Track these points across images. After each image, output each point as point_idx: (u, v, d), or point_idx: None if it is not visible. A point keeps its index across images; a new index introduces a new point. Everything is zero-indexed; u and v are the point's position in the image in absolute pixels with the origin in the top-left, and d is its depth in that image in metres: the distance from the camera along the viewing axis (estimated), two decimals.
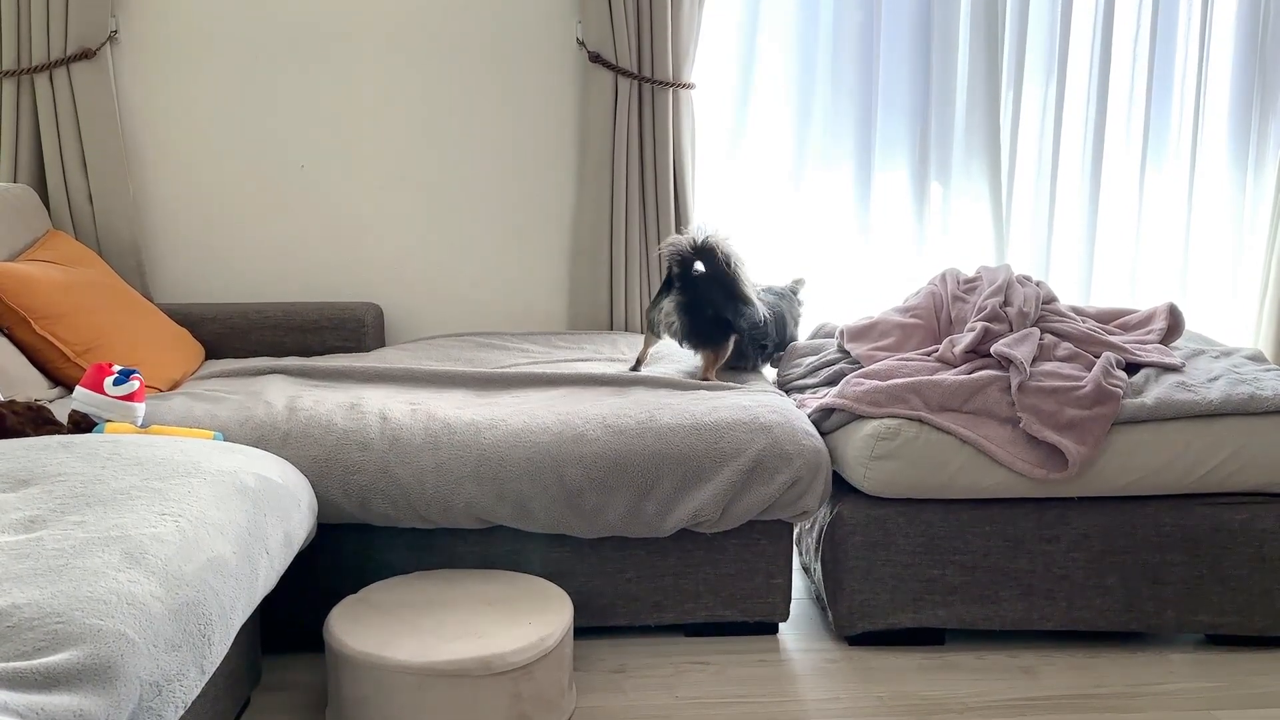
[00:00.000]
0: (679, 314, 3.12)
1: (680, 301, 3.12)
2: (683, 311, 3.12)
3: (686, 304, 3.12)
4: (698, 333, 3.15)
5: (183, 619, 1.72)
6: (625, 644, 2.90)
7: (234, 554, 1.96)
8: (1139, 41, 4.08)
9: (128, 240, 3.63)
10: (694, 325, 3.13)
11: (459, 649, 2.31)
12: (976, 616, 2.86)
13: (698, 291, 3.12)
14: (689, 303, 3.12)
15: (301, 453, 2.65)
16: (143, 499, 1.97)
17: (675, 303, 3.13)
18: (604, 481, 2.68)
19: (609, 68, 3.68)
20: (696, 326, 3.14)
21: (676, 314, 3.13)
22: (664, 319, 3.16)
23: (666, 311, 3.15)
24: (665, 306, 3.15)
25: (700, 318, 3.13)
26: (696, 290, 3.12)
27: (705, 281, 3.12)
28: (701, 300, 3.12)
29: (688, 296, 3.12)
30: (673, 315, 3.13)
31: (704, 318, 3.13)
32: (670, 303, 3.14)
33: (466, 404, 2.91)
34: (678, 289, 3.14)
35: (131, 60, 3.66)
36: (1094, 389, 2.79)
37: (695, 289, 3.12)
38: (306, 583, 2.75)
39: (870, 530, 2.82)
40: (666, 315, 3.15)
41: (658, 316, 3.19)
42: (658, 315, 3.19)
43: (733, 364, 3.28)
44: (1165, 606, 2.86)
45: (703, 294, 3.12)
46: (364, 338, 3.64)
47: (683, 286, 3.13)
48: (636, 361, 3.28)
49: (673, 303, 3.13)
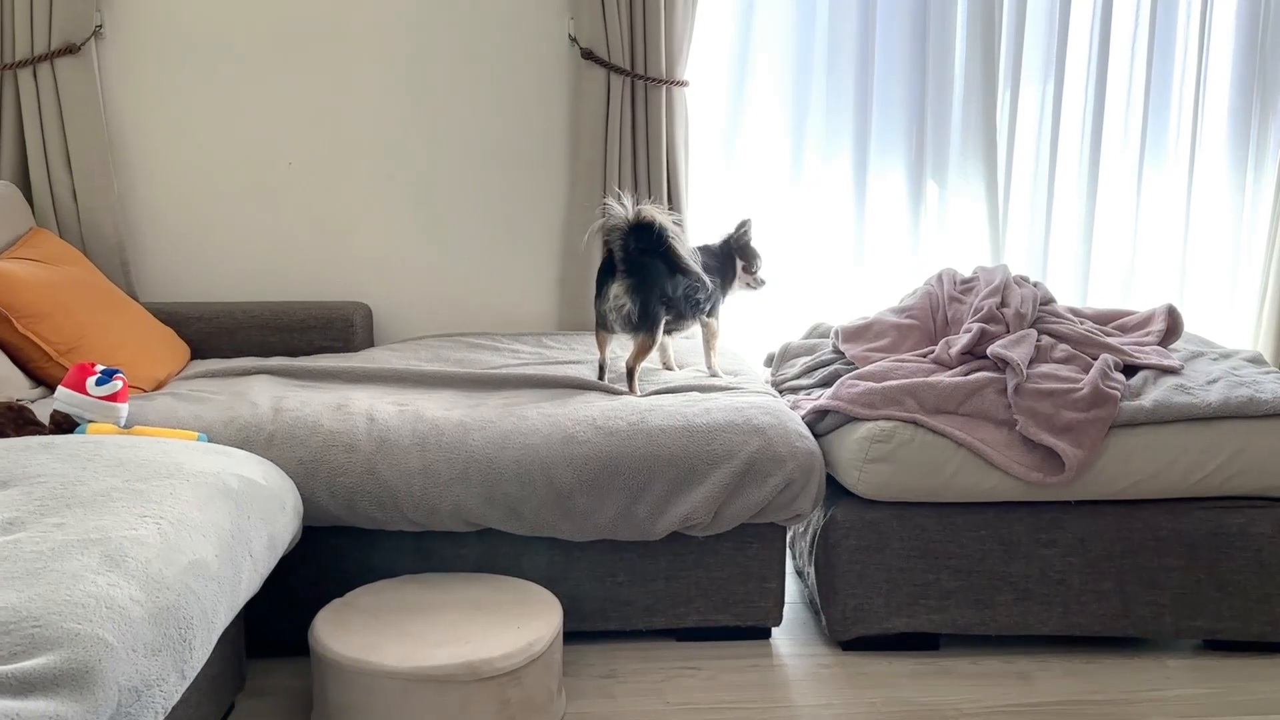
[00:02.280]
0: (630, 296, 2.96)
1: (630, 283, 2.97)
2: (634, 293, 2.97)
3: (636, 284, 2.97)
4: (648, 315, 2.99)
5: (163, 623, 1.71)
6: (616, 649, 2.89)
7: (216, 557, 1.95)
8: (1138, 39, 4.09)
9: (112, 238, 3.61)
10: (646, 307, 2.98)
11: (446, 654, 2.30)
12: (972, 621, 2.86)
13: (645, 270, 2.97)
14: (638, 283, 2.97)
15: (287, 454, 2.64)
16: (124, 501, 1.96)
17: (624, 285, 2.97)
18: (594, 484, 2.67)
19: (601, 65, 3.67)
20: (649, 309, 2.99)
21: (627, 296, 2.96)
22: (613, 304, 2.99)
23: (615, 295, 2.98)
24: (613, 290, 2.98)
25: (651, 298, 2.98)
26: (643, 269, 2.97)
27: (648, 258, 2.98)
28: (650, 279, 2.98)
29: (636, 277, 2.97)
30: (623, 298, 2.96)
31: (653, 298, 2.99)
32: (618, 286, 2.98)
33: (455, 405, 2.90)
34: (622, 271, 2.98)
35: (117, 55, 3.65)
36: (1091, 391, 2.78)
37: (642, 268, 2.97)
38: (291, 586, 2.74)
39: (864, 534, 2.82)
40: (616, 299, 2.98)
41: (606, 306, 3.02)
42: (606, 305, 3.02)
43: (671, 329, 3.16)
44: (1163, 611, 2.86)
45: (649, 272, 2.98)
46: (352, 338, 3.63)
47: (628, 268, 2.97)
48: (600, 369, 3.19)
49: (621, 285, 2.97)
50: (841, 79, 3.97)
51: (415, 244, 3.86)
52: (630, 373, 3.06)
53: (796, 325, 3.78)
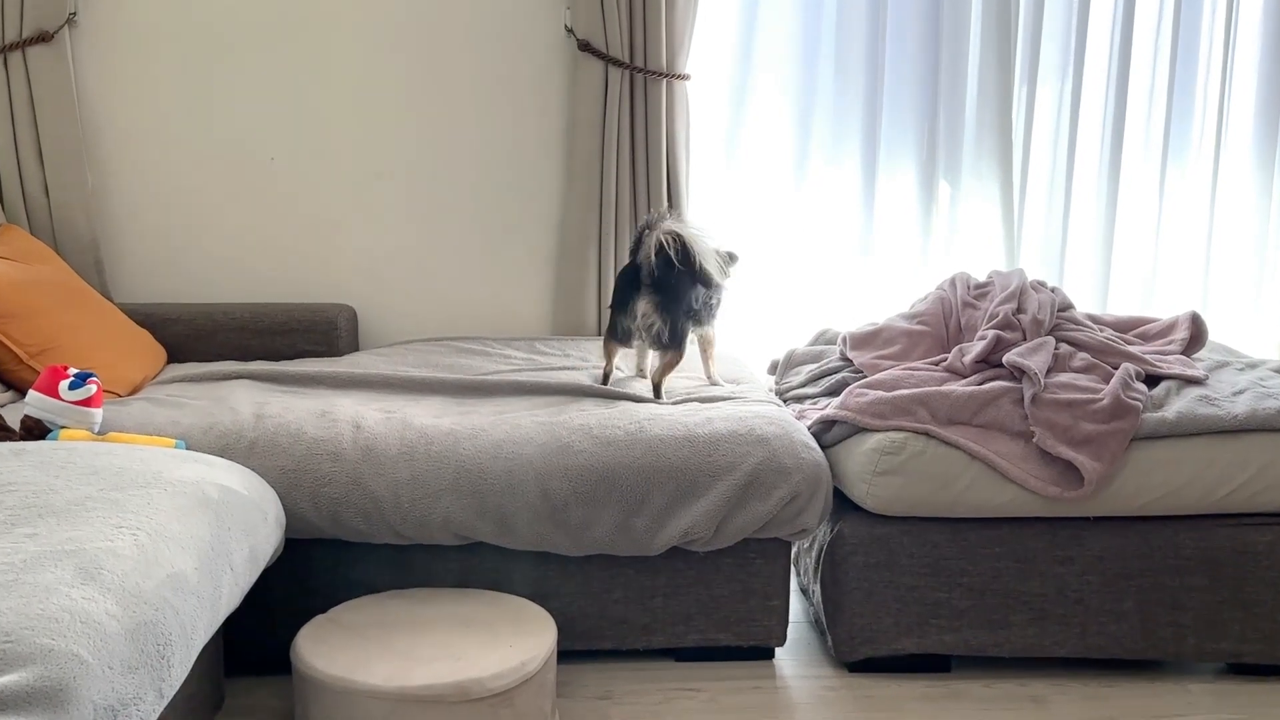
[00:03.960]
0: (659, 314, 3.01)
1: (658, 300, 3.01)
2: (663, 311, 3.01)
3: (664, 302, 3.01)
4: (677, 333, 3.05)
5: (140, 639, 1.71)
6: (612, 669, 2.89)
7: (195, 570, 1.95)
8: (1160, 34, 4.10)
9: (86, 235, 3.61)
10: (675, 324, 3.03)
11: (435, 673, 2.30)
12: (985, 642, 2.87)
13: (674, 287, 3.02)
14: (667, 301, 3.02)
15: (269, 463, 2.64)
16: (99, 510, 1.96)
17: (652, 302, 3.01)
18: (591, 496, 2.67)
19: (599, 57, 3.68)
20: (678, 326, 3.04)
21: (656, 314, 3.01)
22: (641, 323, 3.05)
23: (644, 313, 3.03)
24: (641, 308, 3.03)
25: (679, 314, 3.03)
26: (672, 286, 3.02)
27: (678, 275, 3.01)
28: (679, 295, 3.02)
29: (665, 294, 3.01)
30: (651, 315, 3.01)
31: (681, 314, 3.04)
32: (646, 303, 3.02)
33: (445, 412, 2.91)
34: (650, 286, 3.03)
35: (91, 44, 3.65)
36: (1112, 402, 2.79)
37: (671, 285, 3.02)
38: (273, 601, 2.74)
39: (873, 550, 2.82)
40: (644, 317, 3.03)
41: (630, 322, 3.07)
42: (630, 320, 3.06)
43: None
44: (1185, 633, 2.87)
45: (678, 289, 3.02)
46: (336, 341, 3.63)
47: (656, 283, 3.01)
48: (604, 376, 3.22)
49: (649, 302, 3.02)
50: (850, 74, 3.98)
51: (403, 243, 3.87)
52: (657, 388, 3.09)
53: (802, 331, 3.79)
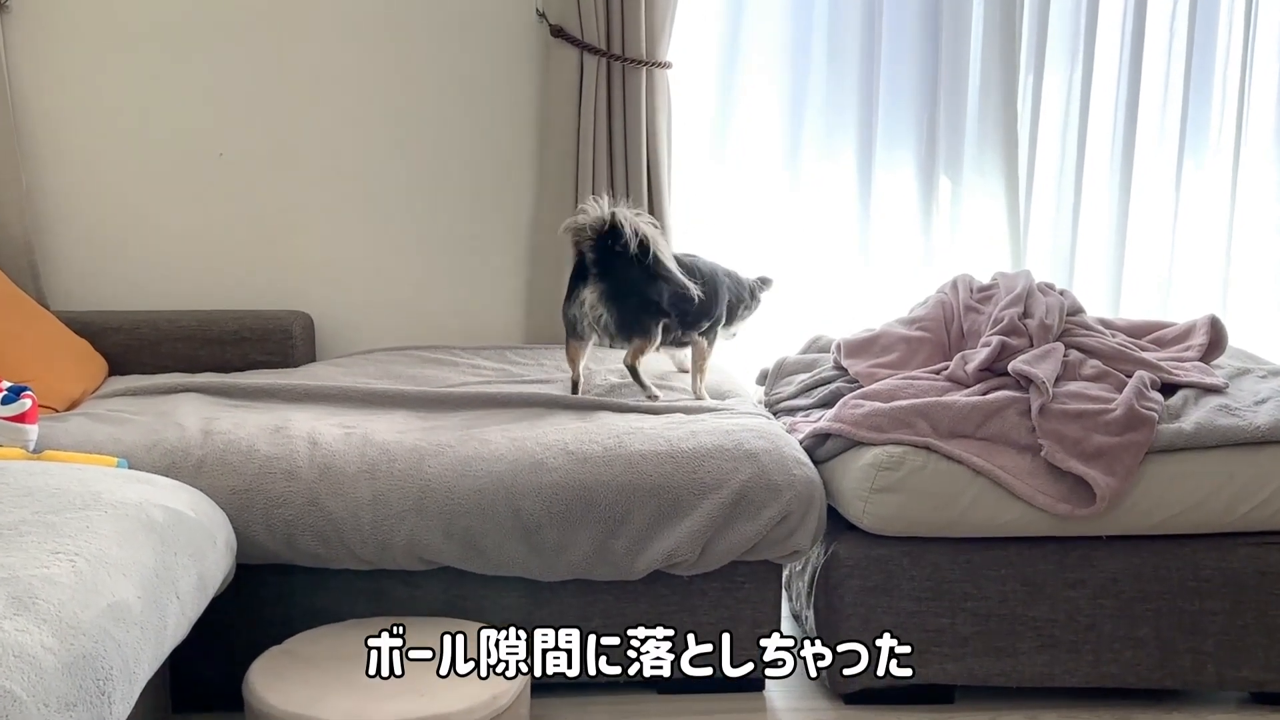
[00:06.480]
0: (605, 304, 3.06)
1: (603, 289, 3.06)
2: (608, 300, 3.06)
3: (610, 291, 3.06)
4: (627, 323, 3.09)
5: (78, 673, 1.70)
6: (589, 702, 2.89)
7: (139, 599, 1.95)
8: (1176, 17, 4.12)
9: (19, 238, 3.60)
10: (623, 315, 3.08)
11: (398, 709, 2.29)
12: (990, 671, 2.87)
13: (618, 275, 3.05)
14: (612, 289, 3.06)
15: (218, 483, 2.63)
16: (33, 535, 1.95)
17: (597, 292, 3.05)
18: (566, 516, 2.67)
19: (573, 43, 3.69)
20: (626, 316, 3.08)
21: (602, 304, 3.05)
22: (588, 312, 3.08)
23: (590, 304, 3.06)
24: (586, 298, 3.07)
25: (627, 305, 3.07)
26: (616, 274, 3.05)
27: (623, 263, 3.04)
28: (625, 284, 3.06)
29: (609, 283, 3.06)
30: (598, 306, 3.05)
31: (631, 305, 3.07)
32: (591, 293, 3.06)
33: (408, 427, 2.90)
34: (595, 275, 3.06)
35: (25, 32, 3.64)
36: (1125, 413, 2.80)
37: (615, 273, 3.05)
38: (224, 632, 2.72)
39: (870, 573, 2.83)
40: (591, 308, 3.07)
41: (579, 312, 3.10)
42: (578, 310, 3.10)
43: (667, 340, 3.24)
44: (1205, 661, 2.88)
45: (624, 277, 3.05)
46: (291, 351, 3.63)
47: (600, 272, 3.06)
48: (573, 384, 3.24)
49: (594, 292, 3.06)
50: (844, 62, 3.99)
51: (363, 246, 3.87)
52: (633, 371, 3.16)
53: (793, 338, 3.79)
